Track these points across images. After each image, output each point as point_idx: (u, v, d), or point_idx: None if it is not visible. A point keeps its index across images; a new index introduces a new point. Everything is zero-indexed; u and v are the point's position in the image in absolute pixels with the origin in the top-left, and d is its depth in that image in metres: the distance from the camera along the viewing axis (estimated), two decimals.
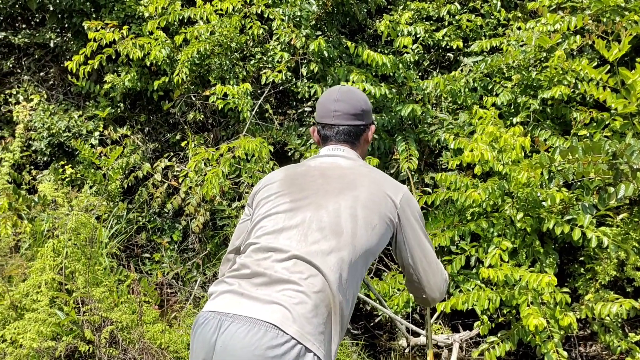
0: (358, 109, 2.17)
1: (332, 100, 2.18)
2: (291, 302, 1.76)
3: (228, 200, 5.12)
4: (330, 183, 2.05)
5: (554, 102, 4.72)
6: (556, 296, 3.92)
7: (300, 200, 2.01)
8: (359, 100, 2.19)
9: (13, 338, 2.43)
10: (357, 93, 2.21)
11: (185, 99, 5.40)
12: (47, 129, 5.32)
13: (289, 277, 1.81)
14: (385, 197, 2.03)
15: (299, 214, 1.97)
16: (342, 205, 1.97)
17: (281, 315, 1.73)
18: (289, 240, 1.90)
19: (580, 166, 3.91)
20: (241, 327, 1.72)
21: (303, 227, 1.93)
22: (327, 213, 1.95)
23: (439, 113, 5.09)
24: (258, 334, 1.70)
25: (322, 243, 1.89)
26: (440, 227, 4.51)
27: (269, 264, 1.86)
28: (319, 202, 1.99)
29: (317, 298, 1.79)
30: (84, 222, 3.11)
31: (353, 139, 2.18)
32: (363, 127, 2.19)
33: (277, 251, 1.88)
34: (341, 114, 2.16)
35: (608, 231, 3.99)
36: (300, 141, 5.09)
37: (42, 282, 2.71)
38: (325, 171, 2.10)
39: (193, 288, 4.72)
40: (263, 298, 1.78)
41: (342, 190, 2.02)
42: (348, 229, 1.93)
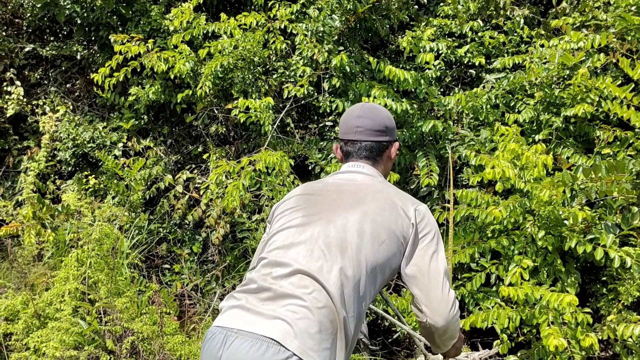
0: (381, 125, 2.16)
1: (354, 117, 2.17)
2: (294, 317, 1.77)
3: (248, 213, 5.14)
4: (343, 198, 2.04)
5: (577, 120, 4.69)
6: (577, 316, 3.87)
7: (313, 215, 2.01)
8: (382, 116, 2.17)
9: (36, 346, 2.46)
10: (380, 110, 2.20)
11: (208, 112, 5.46)
12: (72, 140, 5.41)
13: (294, 292, 1.82)
14: (398, 212, 2.00)
15: (309, 229, 1.98)
16: (350, 220, 1.96)
17: (283, 331, 1.75)
18: (296, 255, 1.91)
19: (604, 185, 3.87)
20: (244, 343, 1.74)
21: (310, 243, 1.94)
22: (335, 228, 1.95)
23: (460, 129, 5.08)
24: (260, 349, 1.71)
25: (327, 258, 1.89)
26: (461, 244, 4.49)
27: (275, 279, 1.88)
28: (329, 217, 1.99)
29: (320, 314, 1.80)
30: (107, 233, 3.15)
31: (375, 156, 2.16)
32: (386, 143, 2.17)
33: (284, 266, 1.90)
34: (363, 129, 2.14)
35: (631, 251, 3.94)
36: (321, 155, 5.11)
37: (65, 291, 2.75)
38: (340, 187, 2.10)
39: (212, 300, 4.74)
40: (267, 313, 1.80)
41: (352, 205, 2.01)
42: (353, 244, 1.91)
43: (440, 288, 2.01)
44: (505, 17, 5.42)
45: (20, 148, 5.77)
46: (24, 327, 2.62)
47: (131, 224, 5.04)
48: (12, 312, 2.75)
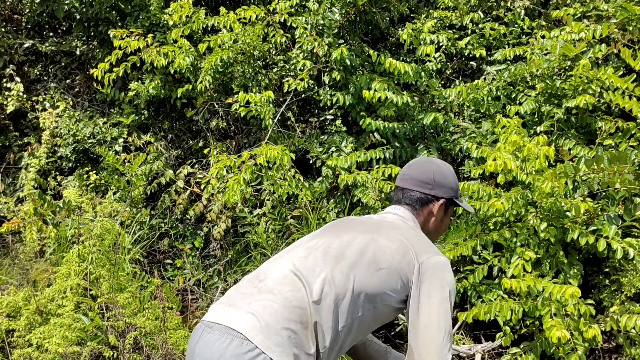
0: (428, 177, 2.12)
1: (407, 166, 2.21)
2: (264, 312, 1.80)
3: (249, 207, 5.14)
4: (361, 225, 2.05)
5: (579, 111, 4.67)
6: (580, 308, 3.87)
7: (326, 232, 2.05)
8: (433, 170, 2.13)
9: (39, 343, 2.46)
10: (435, 164, 2.17)
11: (208, 106, 5.44)
12: (72, 136, 5.40)
13: (272, 289, 1.85)
14: (407, 252, 1.92)
15: (315, 240, 2.01)
16: (357, 239, 1.96)
17: (250, 325, 1.78)
18: (293, 257, 1.94)
19: (606, 176, 3.86)
20: (214, 336, 1.79)
21: (310, 249, 1.96)
22: (339, 242, 1.96)
23: (461, 122, 5.07)
24: (225, 342, 1.76)
25: (319, 264, 1.90)
26: (463, 237, 4.48)
27: (264, 277, 1.92)
28: (339, 234, 2.00)
29: (292, 312, 1.80)
30: (108, 229, 3.15)
31: (415, 205, 2.11)
32: (430, 197, 2.11)
33: (277, 266, 1.93)
34: (409, 178, 2.14)
35: (634, 242, 3.93)
36: (322, 149, 5.09)
37: (67, 287, 2.74)
38: (366, 218, 2.12)
39: (214, 295, 4.74)
40: (243, 307, 1.84)
41: (365, 230, 2.00)
42: (349, 259, 1.90)
43: (434, 347, 1.87)
44: (506, 9, 5.40)
45: (21, 144, 5.76)
46: (26, 324, 2.62)
47: (132, 220, 5.04)
48: (14, 309, 2.75)
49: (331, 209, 4.98)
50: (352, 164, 4.85)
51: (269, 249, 4.79)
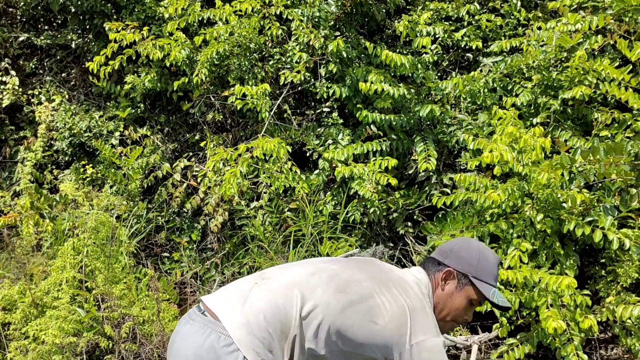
0: (449, 246, 2.10)
1: (453, 242, 2.19)
2: (251, 310, 1.84)
3: (246, 200, 5.14)
4: (378, 272, 2.01)
5: (575, 102, 4.68)
6: (576, 298, 3.88)
7: (341, 262, 2.04)
8: (458, 242, 2.13)
9: (35, 335, 2.46)
10: (465, 240, 2.17)
11: (205, 99, 5.43)
12: (68, 129, 5.38)
13: (269, 290, 1.88)
14: (404, 324, 1.86)
15: (327, 263, 2.01)
16: (366, 283, 1.92)
17: (234, 321, 1.82)
18: (300, 270, 1.96)
19: (602, 167, 3.87)
20: (194, 327, 1.87)
21: (319, 269, 1.96)
22: (349, 275, 1.94)
23: (457, 114, 5.07)
24: (204, 334, 1.81)
25: (321, 285, 1.89)
26: (459, 228, 4.48)
27: (268, 277, 1.96)
28: (352, 268, 1.99)
29: (277, 318, 1.82)
30: (103, 221, 3.15)
31: (429, 269, 2.07)
32: (442, 264, 2.06)
33: (284, 273, 1.96)
34: (437, 249, 2.16)
35: (630, 233, 3.94)
36: (319, 142, 5.09)
37: (62, 280, 2.74)
38: (386, 268, 2.08)
39: (212, 287, 4.74)
40: (233, 302, 1.90)
41: (377, 278, 1.96)
42: (351, 296, 1.87)
43: None
44: (502, 0, 5.39)
45: (17, 138, 5.74)
46: (22, 317, 2.62)
47: (129, 213, 5.03)
48: (9, 302, 2.75)
49: (328, 202, 4.98)
50: (349, 157, 4.85)
51: (266, 242, 4.80)
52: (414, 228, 5.00)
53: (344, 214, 4.85)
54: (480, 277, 2.03)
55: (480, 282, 2.03)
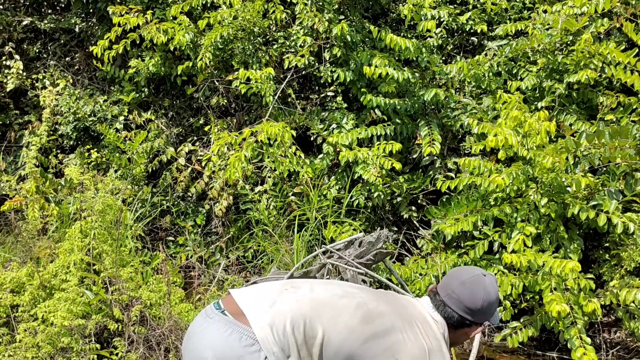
0: (476, 305, 2.05)
1: (458, 282, 2.09)
2: (277, 315, 1.88)
3: (251, 185, 5.15)
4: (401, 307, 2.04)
5: (580, 86, 4.66)
6: (580, 282, 3.89)
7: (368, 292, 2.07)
8: (482, 297, 2.06)
9: (44, 317, 2.49)
10: (486, 289, 2.07)
11: (209, 83, 5.43)
12: (73, 114, 5.39)
13: (299, 300, 1.92)
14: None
15: (356, 289, 2.05)
16: (391, 317, 1.94)
17: (259, 322, 1.85)
18: (329, 290, 1.99)
19: (607, 151, 3.87)
20: (214, 325, 1.89)
21: (347, 293, 1.99)
22: (375, 306, 1.96)
23: (462, 98, 5.06)
24: (225, 333, 1.84)
25: (348, 309, 1.92)
26: (463, 212, 4.49)
27: (298, 287, 1.99)
28: (378, 299, 2.02)
29: (299, 330, 1.85)
30: (110, 204, 3.16)
31: (452, 323, 2.08)
32: (468, 322, 2.07)
33: (314, 289, 1.98)
34: (456, 298, 2.07)
35: (634, 217, 3.94)
36: (323, 126, 5.09)
37: (70, 262, 2.76)
38: (407, 303, 2.09)
39: (217, 271, 4.77)
40: (262, 304, 1.94)
41: (401, 314, 1.98)
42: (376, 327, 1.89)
43: None
44: None
45: (22, 122, 5.75)
46: (30, 299, 2.64)
47: (134, 197, 5.05)
48: (17, 284, 2.78)
49: (332, 186, 4.99)
50: (353, 141, 4.85)
51: (271, 226, 4.81)
52: (418, 212, 5.01)
53: (348, 198, 4.86)
54: (491, 320, 2.14)
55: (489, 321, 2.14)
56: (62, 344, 2.40)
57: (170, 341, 2.69)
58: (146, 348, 2.67)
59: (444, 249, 4.67)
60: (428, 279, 4.31)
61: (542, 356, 4.41)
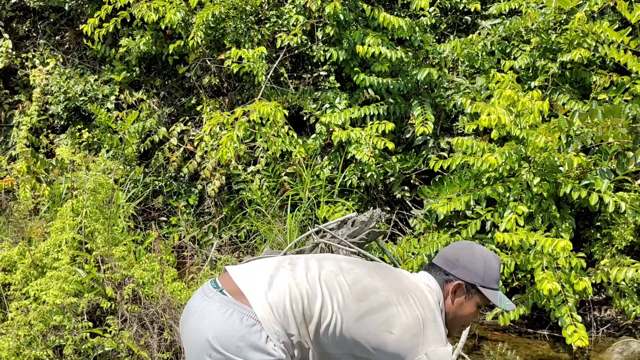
0: (454, 256, 2.09)
1: (453, 250, 2.14)
2: (277, 295, 1.87)
3: (243, 165, 5.14)
4: (395, 280, 2.04)
5: (574, 65, 4.65)
6: (571, 261, 3.92)
7: (362, 266, 2.06)
8: (462, 252, 2.09)
9: (36, 295, 2.48)
10: (469, 247, 2.11)
11: (201, 63, 5.38)
12: (63, 93, 5.33)
13: (296, 278, 1.91)
14: (418, 335, 1.91)
15: (351, 264, 2.02)
16: (385, 292, 1.94)
17: (260, 302, 1.85)
18: (325, 267, 1.98)
19: (600, 130, 3.87)
20: (214, 305, 1.87)
21: (343, 269, 1.98)
22: (369, 282, 1.95)
23: (455, 77, 5.04)
24: (226, 313, 1.83)
25: (343, 287, 1.91)
26: (456, 192, 4.50)
27: (295, 264, 1.99)
28: (372, 274, 2.00)
29: (298, 309, 1.85)
30: (101, 183, 3.14)
31: (439, 281, 2.08)
32: (450, 276, 2.07)
33: (309, 266, 1.97)
34: (441, 255, 2.12)
35: (626, 196, 3.97)
36: (316, 105, 5.07)
37: (62, 241, 2.75)
38: (401, 275, 2.09)
39: (210, 251, 4.77)
40: (260, 281, 1.92)
41: (395, 287, 1.98)
42: (370, 304, 1.90)
43: None
44: None
45: (12, 102, 5.69)
46: (22, 277, 2.63)
47: (126, 178, 5.03)
48: (9, 263, 2.76)
49: (325, 166, 4.98)
50: (346, 121, 4.83)
51: (263, 206, 4.81)
52: (410, 192, 5.02)
53: (341, 178, 4.86)
54: (487, 285, 2.08)
55: (487, 289, 2.08)
56: (55, 322, 2.40)
57: (164, 320, 2.69)
58: (140, 326, 2.67)
59: (436, 228, 4.68)
60: (420, 258, 4.32)
61: (533, 334, 4.46)
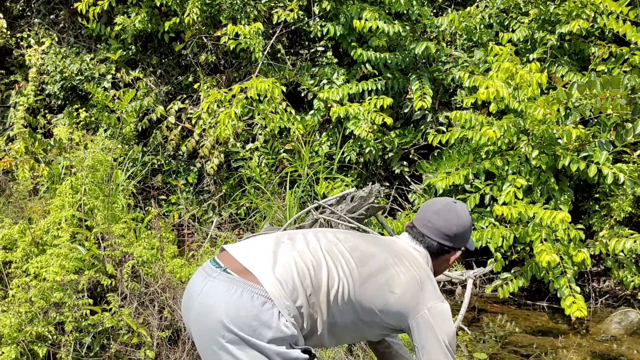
0: (451, 230, 2.11)
1: (432, 211, 2.15)
2: (283, 269, 1.89)
3: (242, 142, 5.13)
4: (387, 244, 2.10)
5: (572, 37, 4.62)
6: (570, 233, 3.93)
7: (356, 235, 2.11)
8: (457, 223, 2.12)
9: (36, 272, 2.49)
10: (459, 215, 2.13)
11: (197, 40, 5.34)
12: (59, 73, 5.30)
13: (299, 252, 1.94)
14: (418, 293, 1.97)
15: (345, 235, 2.08)
16: (382, 256, 1.99)
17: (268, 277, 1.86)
18: (323, 237, 2.02)
19: (598, 102, 3.86)
20: (220, 284, 1.88)
21: (340, 239, 2.02)
22: (366, 248, 2.01)
23: (453, 51, 5.01)
24: (236, 293, 1.83)
25: (344, 255, 1.96)
26: (455, 166, 4.50)
27: (294, 239, 2.01)
28: (367, 241, 2.06)
29: (305, 281, 1.88)
30: (100, 160, 3.14)
31: (432, 251, 2.13)
32: (447, 249, 2.14)
33: (308, 239, 2.00)
34: (432, 227, 2.12)
35: (624, 167, 3.97)
36: (313, 81, 5.05)
37: (62, 218, 2.75)
38: (390, 241, 2.14)
39: (210, 228, 4.78)
40: (264, 258, 1.94)
41: (390, 251, 2.04)
42: (370, 268, 1.94)
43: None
44: None
45: (8, 82, 5.66)
46: (22, 255, 2.64)
47: (125, 157, 5.01)
48: (9, 241, 2.77)
49: (323, 142, 4.97)
50: (344, 96, 4.81)
51: (263, 183, 4.81)
52: (409, 167, 5.02)
53: (340, 154, 4.86)
54: (468, 246, 2.22)
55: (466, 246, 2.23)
56: (55, 299, 2.41)
57: (164, 298, 2.71)
58: (139, 304, 2.68)
59: None
60: None
61: (532, 306, 4.49)
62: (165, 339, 2.63)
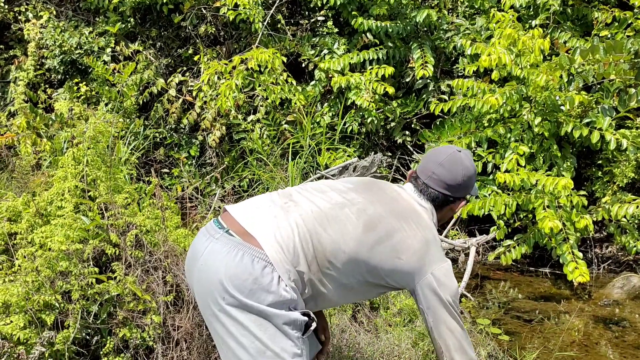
0: (456, 181, 2.10)
1: (436, 163, 2.12)
2: (285, 232, 1.90)
3: (243, 114, 5.11)
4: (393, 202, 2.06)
5: (575, 2, 4.58)
6: (572, 199, 3.94)
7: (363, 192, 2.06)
8: (461, 173, 2.11)
9: (42, 242, 2.51)
10: (464, 165, 2.12)
11: (196, 11, 5.30)
12: (59, 47, 5.27)
13: (301, 214, 1.94)
14: (424, 257, 1.97)
15: (353, 194, 2.03)
16: (390, 219, 1.98)
17: (268, 240, 1.87)
18: (330, 199, 2.00)
19: (601, 67, 3.83)
20: (221, 246, 1.89)
21: (347, 201, 1.99)
22: (374, 211, 1.98)
23: (455, 18, 4.96)
24: (237, 256, 1.84)
25: (351, 220, 1.94)
26: (457, 134, 4.49)
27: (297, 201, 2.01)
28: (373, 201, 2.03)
29: (308, 245, 1.88)
30: (102, 131, 3.14)
31: (438, 204, 2.12)
32: (452, 199, 2.13)
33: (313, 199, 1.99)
34: (437, 179, 2.10)
35: (627, 133, 3.96)
36: (314, 52, 5.01)
37: (65, 189, 2.76)
38: (397, 197, 2.09)
39: (213, 200, 4.80)
40: (265, 220, 1.96)
41: (397, 212, 2.01)
42: (378, 233, 1.94)
43: (459, 351, 2.01)
44: None
45: (7, 57, 5.63)
46: (27, 226, 2.65)
47: (126, 130, 5.01)
48: (14, 213, 2.78)
49: (325, 113, 4.96)
50: (345, 66, 4.79)
51: (265, 155, 4.81)
52: (412, 136, 5.01)
53: (342, 124, 4.84)
54: (472, 192, 2.22)
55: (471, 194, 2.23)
56: (61, 267, 2.43)
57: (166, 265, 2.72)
58: (143, 271, 2.70)
59: None
60: None
61: (535, 272, 4.52)
62: (170, 303, 2.65)
